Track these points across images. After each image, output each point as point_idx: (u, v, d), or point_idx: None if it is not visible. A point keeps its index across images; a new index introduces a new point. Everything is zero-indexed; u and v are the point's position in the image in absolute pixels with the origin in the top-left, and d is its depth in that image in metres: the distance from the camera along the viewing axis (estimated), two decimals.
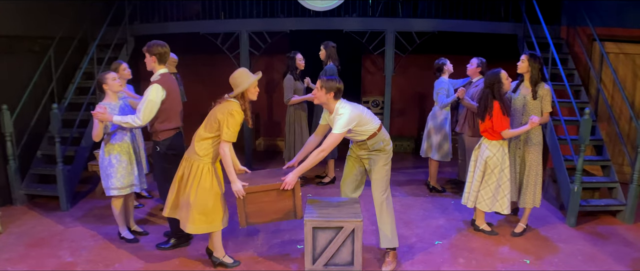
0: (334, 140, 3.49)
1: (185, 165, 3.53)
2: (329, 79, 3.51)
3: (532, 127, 3.99)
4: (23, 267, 3.73)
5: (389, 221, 3.76)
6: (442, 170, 6.34)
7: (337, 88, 3.50)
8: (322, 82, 3.51)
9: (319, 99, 3.55)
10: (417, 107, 7.85)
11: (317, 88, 3.54)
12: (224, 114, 3.36)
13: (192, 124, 4.00)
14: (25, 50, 5.48)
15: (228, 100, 3.46)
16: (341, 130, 3.46)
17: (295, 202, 3.57)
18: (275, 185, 3.48)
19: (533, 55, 4.18)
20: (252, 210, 3.52)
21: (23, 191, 5.14)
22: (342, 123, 3.46)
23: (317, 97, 3.56)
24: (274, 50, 6.73)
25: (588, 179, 4.87)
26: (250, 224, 3.56)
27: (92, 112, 3.76)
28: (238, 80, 3.42)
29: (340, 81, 3.54)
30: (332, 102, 3.55)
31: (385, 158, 3.70)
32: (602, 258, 3.94)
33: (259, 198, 3.50)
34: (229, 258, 3.81)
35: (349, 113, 3.48)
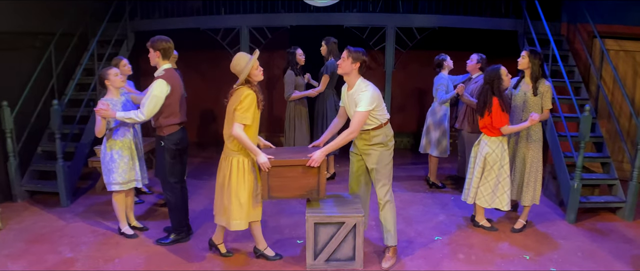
0: (361, 118, 3.44)
1: (224, 165, 3.53)
2: (357, 50, 3.46)
3: (531, 124, 3.98)
4: (23, 263, 3.74)
5: (392, 219, 3.75)
6: (441, 166, 6.35)
7: (363, 60, 3.47)
8: (349, 51, 3.46)
9: (343, 69, 3.50)
10: (417, 103, 7.85)
11: (343, 58, 3.47)
12: (235, 103, 3.37)
13: (193, 120, 4.00)
14: (25, 47, 5.47)
15: (237, 88, 3.44)
16: (367, 107, 3.42)
17: (320, 180, 3.55)
18: (301, 161, 3.46)
19: (533, 51, 4.17)
20: (275, 184, 3.51)
21: (23, 187, 5.15)
22: (367, 101, 3.41)
23: (341, 66, 3.50)
24: (274, 45, 6.71)
25: (588, 176, 4.87)
26: (272, 198, 3.55)
27: (95, 109, 3.76)
28: (238, 66, 3.39)
29: (366, 55, 3.50)
30: (355, 76, 3.51)
31: (387, 155, 3.65)
32: (602, 254, 3.95)
33: (283, 173, 3.48)
34: (271, 250, 3.85)
35: (372, 91, 3.45)
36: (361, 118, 3.45)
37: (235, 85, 3.46)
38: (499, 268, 3.71)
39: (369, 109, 3.43)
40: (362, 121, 3.47)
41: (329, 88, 5.60)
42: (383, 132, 3.62)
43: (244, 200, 3.49)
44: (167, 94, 3.73)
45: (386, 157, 3.66)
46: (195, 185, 5.69)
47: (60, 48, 5.76)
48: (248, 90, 3.38)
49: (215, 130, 8.22)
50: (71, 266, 3.69)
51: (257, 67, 3.43)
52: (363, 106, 3.42)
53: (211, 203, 5.10)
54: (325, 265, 3.64)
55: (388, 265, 3.75)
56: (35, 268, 3.66)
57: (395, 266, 3.74)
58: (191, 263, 3.77)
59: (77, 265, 3.71)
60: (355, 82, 3.53)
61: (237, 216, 3.52)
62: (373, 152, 3.64)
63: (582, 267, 3.73)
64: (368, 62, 3.52)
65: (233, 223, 3.53)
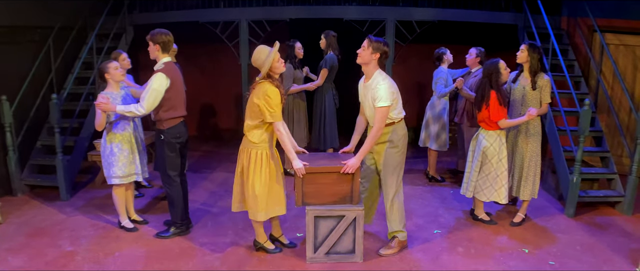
0: (383, 114, 3.39)
1: (243, 156, 3.51)
2: (378, 40, 3.40)
3: (529, 118, 3.99)
4: (23, 257, 3.74)
5: (398, 218, 3.75)
6: (441, 159, 6.36)
7: (384, 51, 3.40)
8: (371, 41, 3.39)
9: (362, 58, 3.43)
10: (417, 97, 7.84)
11: (363, 47, 3.42)
12: (259, 98, 3.34)
13: (192, 113, 3.99)
14: (24, 40, 5.45)
15: (259, 82, 3.41)
16: (387, 102, 3.36)
17: (353, 187, 3.56)
18: (336, 167, 3.48)
19: (532, 45, 4.17)
20: (309, 191, 3.52)
21: (23, 181, 5.15)
22: (385, 95, 3.35)
23: (360, 55, 3.43)
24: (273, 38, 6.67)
25: (587, 170, 4.88)
26: (305, 204, 3.56)
27: (95, 103, 3.75)
28: (258, 60, 3.36)
29: (388, 46, 3.45)
30: (374, 67, 3.44)
31: (396, 156, 3.60)
32: (600, 248, 3.97)
33: (318, 179, 3.50)
34: (270, 243, 3.86)
35: (390, 84, 3.41)
36: (383, 115, 3.40)
37: (257, 78, 3.44)
38: (497, 261, 3.73)
39: (389, 104, 3.39)
40: (385, 117, 3.41)
41: (327, 82, 5.59)
42: (395, 128, 3.58)
43: (258, 192, 3.48)
44: (167, 88, 3.73)
45: (395, 158, 3.61)
46: (195, 179, 5.69)
47: (59, 42, 5.74)
48: (272, 87, 3.35)
49: (214, 124, 8.22)
50: (71, 260, 3.69)
51: (278, 59, 3.39)
52: (383, 101, 3.37)
53: (211, 196, 5.14)
54: (326, 258, 3.66)
55: (385, 252, 3.78)
56: (36, 261, 3.67)
57: (395, 259, 3.75)
58: (191, 257, 3.78)
59: (77, 259, 3.72)
60: (373, 73, 3.46)
61: (252, 207, 3.54)
62: (382, 151, 3.62)
63: (580, 260, 3.75)
64: (388, 55, 3.46)
65: (250, 213, 3.60)
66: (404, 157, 3.69)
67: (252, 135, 3.45)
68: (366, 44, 3.41)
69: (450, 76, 5.43)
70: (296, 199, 3.54)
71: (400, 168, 3.68)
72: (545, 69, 4.29)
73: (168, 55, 3.83)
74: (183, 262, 3.69)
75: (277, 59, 3.38)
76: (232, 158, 6.71)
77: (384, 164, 3.64)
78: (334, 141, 5.73)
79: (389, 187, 3.68)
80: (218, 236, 4.15)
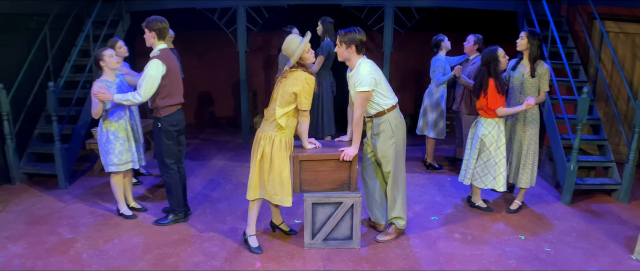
0: (361, 99, 3.38)
1: (264, 143, 3.43)
2: (347, 32, 3.39)
3: (527, 107, 3.98)
4: (23, 244, 3.76)
5: (400, 206, 3.77)
6: (438, 147, 6.38)
7: (358, 41, 3.39)
8: (341, 36, 3.41)
9: (341, 56, 3.49)
10: (415, 84, 7.83)
11: (337, 45, 3.47)
12: (299, 86, 3.32)
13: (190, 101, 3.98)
14: (20, 28, 5.41)
15: (293, 71, 3.38)
16: (366, 87, 3.33)
17: (351, 174, 3.58)
18: (335, 155, 3.51)
19: (532, 32, 4.15)
20: (307, 178, 3.54)
21: (21, 169, 5.15)
22: (364, 79, 3.33)
23: (339, 54, 3.50)
24: (271, 25, 6.66)
25: (584, 158, 4.90)
26: (303, 191, 3.58)
27: (93, 93, 3.74)
28: (289, 49, 3.34)
29: (360, 32, 3.41)
30: (355, 58, 3.45)
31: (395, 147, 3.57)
32: (596, 235, 4.00)
33: (316, 167, 3.53)
34: (255, 241, 3.71)
35: (370, 68, 3.39)
36: (361, 100, 3.39)
37: (287, 67, 3.41)
38: (494, 247, 3.76)
39: (369, 89, 3.36)
40: (363, 102, 3.40)
41: (325, 69, 5.56)
42: (386, 119, 3.55)
43: (285, 177, 3.46)
44: (163, 74, 3.71)
45: (392, 148, 3.58)
46: (193, 166, 5.70)
47: (55, 29, 5.70)
48: (310, 76, 3.35)
49: (212, 111, 8.21)
50: (71, 247, 3.72)
51: (309, 50, 3.37)
52: (362, 85, 3.36)
53: (209, 184, 5.16)
54: (323, 244, 3.69)
55: (382, 238, 3.81)
56: (36, 249, 3.69)
57: (392, 245, 3.78)
58: (190, 244, 3.80)
59: (76, 246, 3.74)
60: (355, 63, 3.48)
61: (279, 193, 3.48)
62: (378, 143, 3.61)
63: (576, 247, 3.79)
64: (364, 41, 3.43)
65: (276, 199, 3.51)
66: (403, 147, 3.67)
67: (283, 120, 3.41)
68: (338, 41, 3.44)
69: (448, 64, 5.41)
70: (294, 186, 3.55)
71: (400, 159, 3.67)
72: (544, 57, 4.27)
73: (164, 42, 3.81)
74: (182, 249, 3.71)
75: (308, 49, 3.36)
76: (230, 145, 6.77)
77: (381, 156, 3.64)
78: (331, 129, 5.73)
79: (390, 178, 3.69)
80: (216, 223, 4.17)
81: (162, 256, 3.59)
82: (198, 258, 3.58)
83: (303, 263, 3.52)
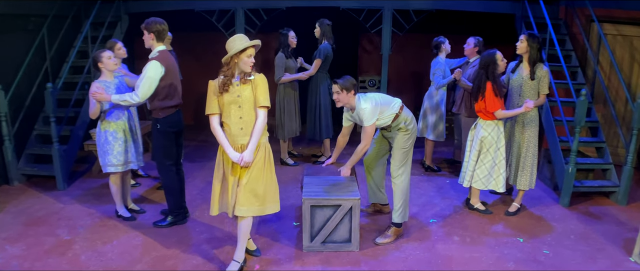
0: (369, 132, 3.72)
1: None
2: (345, 80, 3.65)
3: (526, 110, 4.00)
4: (21, 246, 3.75)
5: (402, 198, 3.88)
6: (437, 149, 6.38)
7: (353, 85, 3.68)
8: (340, 85, 3.64)
9: (343, 102, 3.70)
10: (414, 87, 7.84)
11: (337, 94, 3.66)
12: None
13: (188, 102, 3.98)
14: (18, 29, 5.40)
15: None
16: (370, 122, 3.69)
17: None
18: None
19: (532, 35, 4.16)
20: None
21: (20, 171, 5.14)
22: (368, 116, 3.67)
23: (340, 100, 3.69)
24: (270, 28, 6.66)
25: (582, 160, 4.91)
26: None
27: (90, 93, 3.74)
28: (229, 44, 3.14)
29: (350, 77, 3.70)
30: (353, 100, 3.72)
31: (406, 139, 3.83)
32: (594, 237, 4.01)
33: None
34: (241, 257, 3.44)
35: (370, 105, 3.67)
36: (369, 132, 3.73)
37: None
38: (493, 250, 3.76)
39: (372, 122, 3.69)
40: (370, 133, 3.74)
41: (323, 72, 5.57)
42: (400, 119, 3.82)
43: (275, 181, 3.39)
44: (162, 76, 3.71)
45: (405, 141, 3.84)
46: (191, 168, 5.70)
47: (54, 30, 5.69)
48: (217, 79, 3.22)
49: None
50: (69, 249, 3.71)
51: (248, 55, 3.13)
52: (367, 122, 3.68)
53: (208, 185, 5.14)
54: (322, 247, 3.68)
55: (381, 240, 3.85)
56: (34, 250, 3.68)
57: (390, 247, 3.78)
58: (189, 245, 3.80)
59: (75, 247, 3.73)
60: (354, 105, 3.73)
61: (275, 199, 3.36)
62: (395, 136, 3.87)
63: (574, 249, 3.79)
64: (356, 84, 3.74)
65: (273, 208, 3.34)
66: (413, 141, 3.88)
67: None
68: (338, 89, 3.65)
69: (448, 66, 5.42)
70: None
71: (408, 151, 3.86)
72: (543, 60, 4.28)
73: (163, 43, 3.81)
74: (180, 251, 3.70)
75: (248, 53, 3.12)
76: None
77: (394, 146, 3.87)
78: (329, 132, 5.73)
79: (396, 166, 3.86)
80: (215, 225, 4.17)
81: (160, 258, 3.59)
82: (196, 260, 3.57)
83: (301, 265, 3.52)
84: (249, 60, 3.14)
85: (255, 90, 3.18)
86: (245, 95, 3.18)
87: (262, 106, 3.18)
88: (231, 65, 3.17)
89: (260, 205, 3.26)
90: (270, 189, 3.32)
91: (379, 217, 4.34)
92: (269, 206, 3.33)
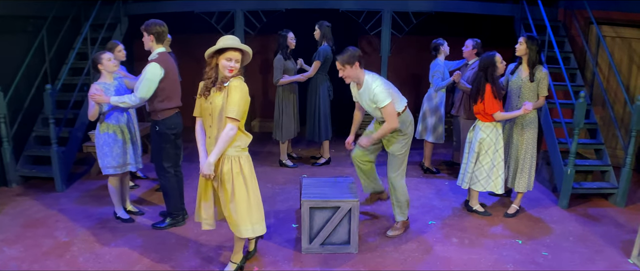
0: (390, 110, 3.58)
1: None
2: (345, 53, 3.50)
3: (524, 113, 4.01)
4: (19, 247, 3.74)
5: (402, 199, 3.94)
6: (436, 151, 6.38)
7: (358, 57, 3.51)
8: (340, 61, 3.51)
9: (350, 77, 3.58)
10: (413, 89, 7.84)
11: (341, 70, 3.53)
12: None
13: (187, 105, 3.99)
14: (17, 31, 5.40)
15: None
16: (387, 100, 3.54)
17: None
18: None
19: (531, 37, 4.17)
20: None
21: (18, 172, 5.13)
22: (383, 96, 3.53)
23: (347, 76, 3.56)
24: (269, 29, 6.66)
25: (581, 162, 4.91)
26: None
27: (89, 95, 3.74)
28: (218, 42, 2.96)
29: (354, 48, 3.54)
30: (361, 74, 3.59)
31: (402, 145, 3.82)
32: (593, 239, 4.01)
33: None
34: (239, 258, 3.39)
35: (382, 84, 3.57)
36: (390, 111, 3.59)
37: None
38: (491, 251, 3.76)
39: (391, 100, 3.57)
40: (394, 112, 3.62)
41: (322, 74, 5.57)
42: (402, 120, 3.76)
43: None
44: (161, 78, 3.72)
45: (400, 146, 3.82)
46: (190, 170, 5.68)
47: (53, 32, 5.69)
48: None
49: None
50: (67, 251, 3.70)
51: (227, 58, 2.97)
52: (383, 101, 3.55)
53: None
54: (321, 248, 3.68)
55: (392, 233, 3.97)
56: (32, 252, 3.67)
57: (389, 249, 3.78)
58: (187, 247, 3.79)
59: (73, 249, 3.72)
60: (363, 79, 3.62)
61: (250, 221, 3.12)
62: (391, 138, 3.83)
63: (573, 251, 3.79)
64: (360, 54, 3.58)
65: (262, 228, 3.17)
66: (409, 143, 3.88)
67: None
68: (340, 66, 3.55)
69: (447, 68, 5.43)
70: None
71: (404, 154, 3.87)
72: (542, 62, 4.29)
73: (162, 45, 3.82)
74: (179, 253, 3.70)
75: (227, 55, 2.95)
76: None
77: (392, 149, 3.86)
78: (328, 133, 5.73)
79: (392, 170, 3.88)
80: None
81: (158, 260, 3.58)
82: (195, 262, 3.56)
83: (300, 267, 3.51)
84: (227, 64, 2.88)
85: (226, 99, 2.89)
86: (216, 103, 2.92)
87: (228, 117, 2.87)
88: (212, 67, 2.96)
89: (233, 226, 3.07)
90: (240, 208, 3.01)
91: (378, 220, 4.33)
92: (243, 228, 3.05)
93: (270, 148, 6.56)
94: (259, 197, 3.16)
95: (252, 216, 3.08)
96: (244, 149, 3.07)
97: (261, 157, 6.15)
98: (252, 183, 3.08)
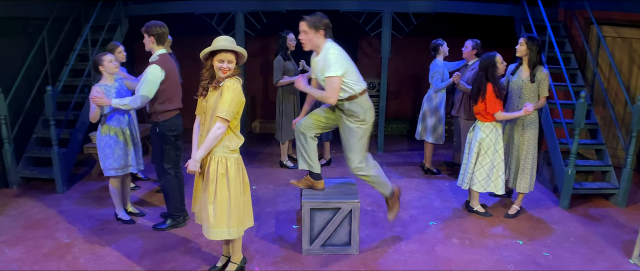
0: (335, 84, 3.17)
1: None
2: (313, 16, 3.21)
3: (525, 114, 4.01)
4: (20, 249, 3.75)
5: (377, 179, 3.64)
6: (437, 152, 6.38)
7: (325, 25, 3.22)
8: (307, 22, 3.19)
9: (311, 43, 3.26)
10: (413, 89, 7.85)
11: (304, 33, 3.23)
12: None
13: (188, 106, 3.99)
14: (18, 32, 5.41)
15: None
16: (336, 71, 3.15)
17: None
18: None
19: (531, 37, 4.17)
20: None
21: (19, 174, 5.13)
22: (335, 63, 3.15)
23: (307, 41, 3.26)
24: (270, 31, 6.67)
25: (582, 162, 4.91)
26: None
27: (90, 97, 3.75)
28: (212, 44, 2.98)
29: (325, 16, 3.25)
30: (322, 42, 3.26)
31: (362, 132, 3.42)
32: (594, 239, 4.00)
33: None
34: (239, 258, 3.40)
35: (339, 52, 3.22)
36: (335, 85, 3.18)
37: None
38: (492, 252, 3.76)
39: (340, 74, 3.19)
40: (336, 87, 3.20)
41: None
42: (358, 104, 3.36)
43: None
44: (162, 80, 3.72)
45: (361, 134, 3.44)
46: None
47: (54, 33, 5.70)
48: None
49: None
50: (68, 252, 3.70)
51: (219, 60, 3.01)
52: (333, 70, 3.17)
53: None
54: (321, 249, 3.68)
55: (392, 215, 3.86)
56: (33, 253, 3.68)
57: (390, 250, 3.77)
58: (188, 249, 3.79)
59: (74, 251, 3.72)
60: (321, 47, 3.27)
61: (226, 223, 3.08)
62: (349, 124, 3.44)
63: (574, 252, 3.79)
64: (330, 24, 3.25)
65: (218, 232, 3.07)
66: (369, 133, 3.51)
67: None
68: (306, 27, 3.21)
69: (447, 69, 5.43)
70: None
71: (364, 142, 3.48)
72: (542, 62, 4.29)
73: (163, 47, 3.82)
74: (180, 254, 3.70)
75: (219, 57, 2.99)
76: None
77: (347, 136, 3.45)
78: (328, 134, 5.73)
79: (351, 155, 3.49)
80: None
81: (159, 262, 3.58)
82: (196, 264, 3.56)
83: (301, 268, 3.51)
84: (220, 66, 2.92)
85: (219, 98, 2.92)
86: (210, 102, 2.97)
87: (218, 116, 2.88)
88: (208, 68, 3.01)
89: (209, 226, 3.01)
90: (220, 210, 2.98)
91: (379, 221, 4.33)
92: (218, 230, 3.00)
93: (271, 149, 6.56)
94: (242, 202, 3.07)
95: (230, 219, 3.03)
96: (233, 151, 3.02)
97: (262, 158, 6.15)
98: (236, 187, 3.02)
